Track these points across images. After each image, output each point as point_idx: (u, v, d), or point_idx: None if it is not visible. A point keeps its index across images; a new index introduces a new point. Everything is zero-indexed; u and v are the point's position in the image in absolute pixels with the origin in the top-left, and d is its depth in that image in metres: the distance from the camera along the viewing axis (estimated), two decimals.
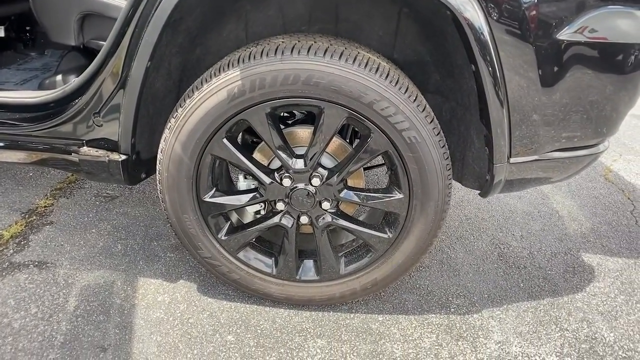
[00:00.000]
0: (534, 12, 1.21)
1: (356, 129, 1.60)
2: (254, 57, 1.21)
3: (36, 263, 1.86)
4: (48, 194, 2.33)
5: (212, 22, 1.44)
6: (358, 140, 1.70)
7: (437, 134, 1.30)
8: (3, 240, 1.99)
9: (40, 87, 1.72)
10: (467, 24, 1.19)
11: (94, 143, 1.49)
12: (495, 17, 1.20)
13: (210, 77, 1.25)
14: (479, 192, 1.57)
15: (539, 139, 1.39)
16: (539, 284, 1.88)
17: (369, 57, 1.25)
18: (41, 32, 2.08)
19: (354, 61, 1.21)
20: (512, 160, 1.41)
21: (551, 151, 1.43)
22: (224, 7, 1.41)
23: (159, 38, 1.22)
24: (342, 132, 1.63)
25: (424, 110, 1.27)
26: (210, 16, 1.41)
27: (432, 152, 1.29)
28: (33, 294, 1.71)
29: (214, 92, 1.24)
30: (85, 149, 1.49)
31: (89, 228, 2.08)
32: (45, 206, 2.23)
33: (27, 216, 2.15)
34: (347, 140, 1.55)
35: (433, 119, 1.30)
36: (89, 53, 1.80)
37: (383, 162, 1.52)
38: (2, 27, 2.08)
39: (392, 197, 1.40)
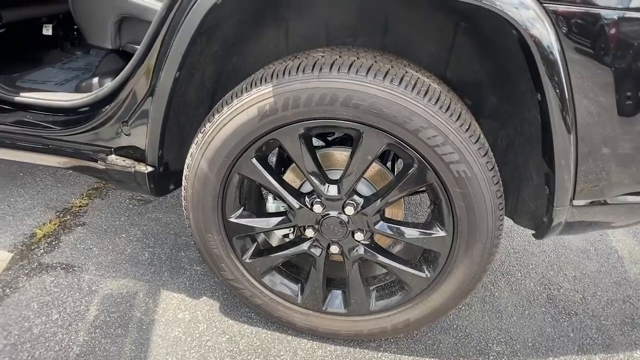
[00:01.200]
0: (613, 30, 1.03)
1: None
2: (289, 73, 1.10)
3: (64, 265, 1.84)
4: (84, 194, 2.33)
5: (251, 30, 1.35)
6: (398, 165, 1.56)
7: (491, 169, 1.14)
8: (36, 239, 1.99)
9: (77, 89, 1.70)
10: (535, 41, 1.04)
11: (123, 151, 1.44)
12: (567, 35, 1.03)
13: (241, 92, 1.15)
14: (532, 232, 1.39)
15: (610, 178, 1.20)
16: (592, 335, 1.66)
17: (418, 78, 1.12)
18: None
19: (400, 82, 1.08)
20: (575, 202, 1.23)
21: (623, 194, 1.24)
22: (264, 14, 1.31)
23: (188, 48, 1.14)
24: (382, 157, 1.49)
25: (477, 141, 1.11)
26: (248, 24, 1.32)
27: (483, 189, 1.13)
28: (56, 298, 1.69)
29: (244, 108, 1.14)
30: (112, 157, 1.44)
31: (119, 232, 2.05)
32: (80, 206, 2.22)
33: (61, 215, 2.15)
34: (388, 166, 1.41)
35: (487, 151, 1.14)
36: (129, 56, 1.76)
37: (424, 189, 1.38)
38: (50, 25, 2.09)
39: (433, 234, 1.25)
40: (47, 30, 2.07)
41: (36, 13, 1.94)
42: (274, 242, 1.54)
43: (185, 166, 1.30)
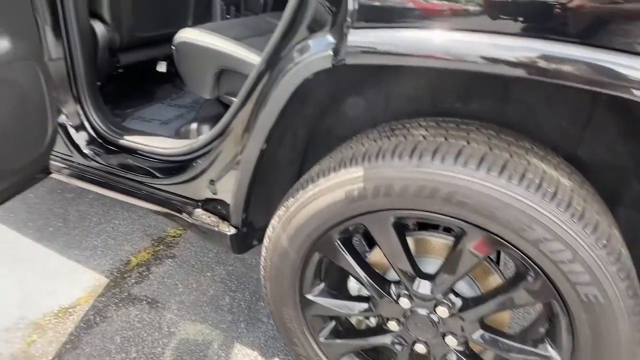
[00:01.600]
0: None
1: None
2: (383, 157, 0.96)
3: (149, 300, 1.88)
4: None
5: (347, 94, 1.24)
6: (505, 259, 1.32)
7: (632, 296, 0.88)
8: (130, 267, 2.06)
9: (177, 133, 1.73)
10: None
11: (209, 205, 1.41)
12: None
13: (329, 171, 1.03)
14: None
15: None
16: None
17: (544, 172, 0.91)
18: None
19: (520, 180, 0.88)
20: None
21: None
22: (362, 79, 1.19)
23: (277, 121, 1.05)
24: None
25: (617, 261, 0.87)
26: (345, 88, 1.21)
27: (618, 319, 0.88)
28: (137, 335, 1.71)
29: (331, 190, 1.02)
30: (199, 211, 1.41)
31: (204, 270, 2.06)
32: (173, 236, 2.28)
33: (155, 244, 2.21)
34: (496, 263, 1.19)
35: (629, 274, 0.89)
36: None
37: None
38: (164, 63, 2.18)
39: (543, 355, 1.01)
40: (161, 67, 2.17)
41: (151, 55, 2.04)
42: (354, 321, 1.39)
43: (266, 237, 1.21)
